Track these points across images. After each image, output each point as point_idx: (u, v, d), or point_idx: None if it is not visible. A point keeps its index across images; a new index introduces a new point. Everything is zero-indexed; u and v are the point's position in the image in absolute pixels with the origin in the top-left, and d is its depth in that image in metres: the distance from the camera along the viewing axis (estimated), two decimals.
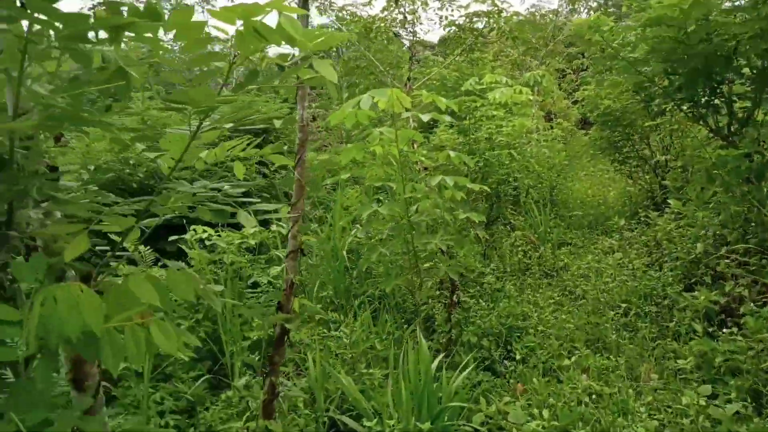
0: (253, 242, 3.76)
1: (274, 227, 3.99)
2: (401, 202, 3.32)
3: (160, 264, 3.83)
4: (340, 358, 3.31)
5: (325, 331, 3.68)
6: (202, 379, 3.16)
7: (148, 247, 3.94)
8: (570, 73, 13.84)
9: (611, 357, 3.36)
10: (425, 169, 4.63)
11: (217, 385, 3.48)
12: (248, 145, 1.73)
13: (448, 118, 3.14)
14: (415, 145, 4.99)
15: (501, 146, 5.43)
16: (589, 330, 3.76)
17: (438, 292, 3.95)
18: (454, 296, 3.50)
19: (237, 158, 1.80)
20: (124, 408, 2.82)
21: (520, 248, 5.26)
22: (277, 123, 2.64)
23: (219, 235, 3.87)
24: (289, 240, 2.27)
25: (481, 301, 4.04)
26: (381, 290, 4.14)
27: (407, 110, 3.21)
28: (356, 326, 3.46)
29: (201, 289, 1.24)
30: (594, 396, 2.78)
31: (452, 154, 3.35)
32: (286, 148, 7.71)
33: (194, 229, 3.80)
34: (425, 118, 3.08)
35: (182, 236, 3.74)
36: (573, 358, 3.25)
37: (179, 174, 1.55)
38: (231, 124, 1.51)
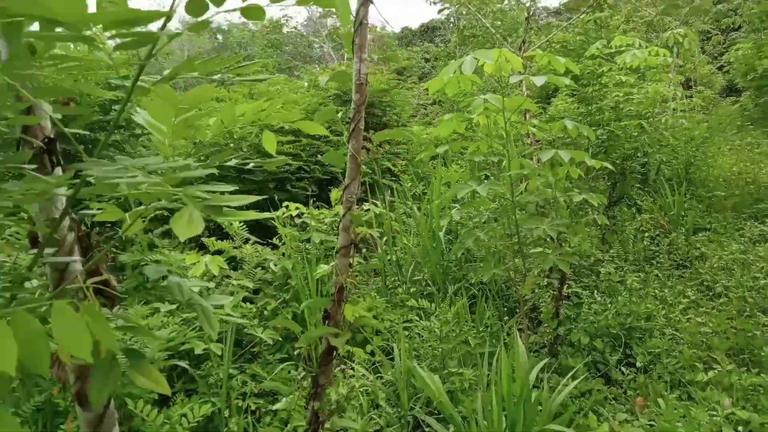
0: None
1: (366, 206, 3.75)
2: (506, 181, 2.91)
3: (252, 242, 3.77)
4: (429, 351, 3.02)
5: (416, 318, 3.40)
6: (283, 365, 3.03)
7: (242, 224, 3.88)
8: (717, 34, 12.12)
9: (762, 374, 2.74)
10: (537, 142, 4.13)
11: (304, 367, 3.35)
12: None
13: (566, 81, 2.65)
14: (527, 116, 4.48)
15: (630, 116, 4.73)
16: (733, 337, 3.12)
17: (545, 281, 3.50)
18: (564, 288, 3.05)
19: (266, 127, 1.52)
20: (208, 389, 2.75)
21: (646, 233, 4.59)
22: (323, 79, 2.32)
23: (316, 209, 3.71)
24: (340, 233, 1.86)
25: (596, 294, 3.53)
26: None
27: (519, 74, 2.78)
28: (449, 316, 3.14)
29: (111, 340, 0.80)
30: (740, 427, 2.23)
31: (569, 124, 2.85)
32: (385, 119, 7.40)
33: (286, 206, 3.67)
34: (538, 81, 2.63)
35: (274, 213, 3.62)
36: (711, 373, 2.68)
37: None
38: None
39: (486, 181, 2.76)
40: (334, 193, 1.96)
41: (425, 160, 5.95)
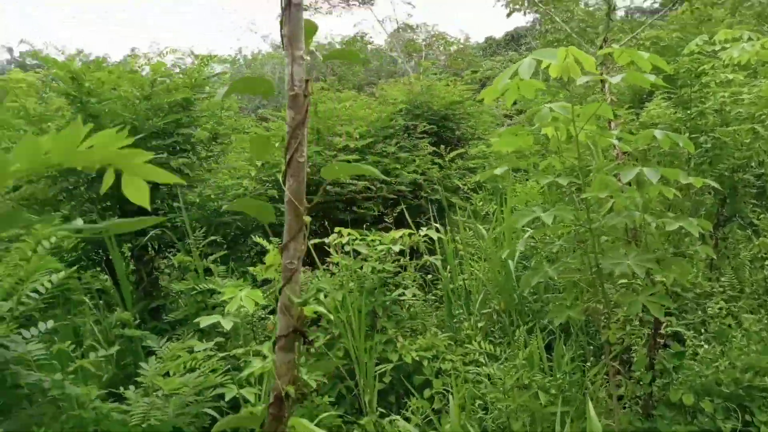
0: (397, 248, 3.19)
1: (424, 230, 3.38)
2: (582, 204, 2.44)
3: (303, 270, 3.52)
4: (495, 404, 2.57)
5: (480, 361, 2.97)
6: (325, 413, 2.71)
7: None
8: None
9: None
10: (623, 155, 3.57)
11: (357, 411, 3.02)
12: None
13: (650, 78, 2.15)
14: (612, 125, 3.91)
15: (739, 120, 4.02)
16: None
17: (637, 321, 2.94)
18: (659, 333, 2.49)
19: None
20: None
21: (767, 261, 3.84)
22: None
23: (365, 237, 3.39)
24: (279, 316, 1.32)
25: (702, 337, 2.91)
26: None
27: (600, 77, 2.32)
28: (519, 361, 2.68)
29: None
30: None
31: (658, 134, 2.34)
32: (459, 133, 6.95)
33: (338, 231, 3.38)
34: (614, 80, 2.16)
35: (323, 239, 3.35)
36: None
37: None
38: None
39: (557, 205, 2.30)
40: (270, 257, 1.60)
41: (499, 177, 5.48)
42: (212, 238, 3.87)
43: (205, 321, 2.49)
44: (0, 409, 2.14)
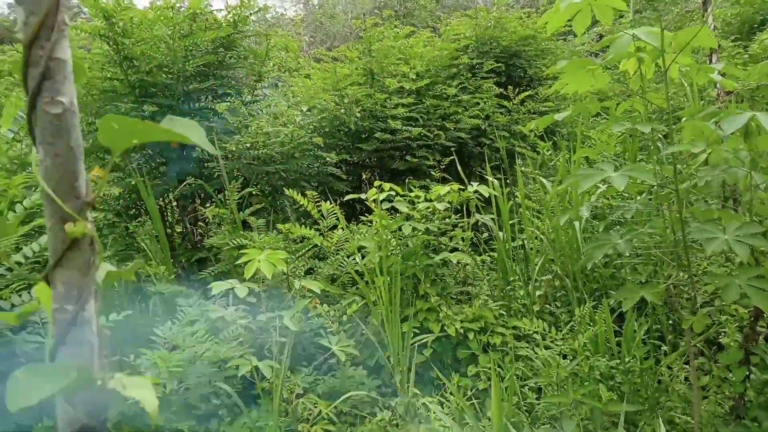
0: (441, 206, 2.79)
1: (474, 186, 2.94)
2: (668, 160, 1.93)
3: (341, 225, 3.21)
4: (545, 395, 2.20)
5: (535, 337, 2.58)
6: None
7: (336, 205, 3.33)
8: None
9: None
10: (728, 95, 2.92)
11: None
12: None
13: None
14: (714, 58, 3.22)
15: None
16: None
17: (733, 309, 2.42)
18: (757, 326, 1.99)
19: None
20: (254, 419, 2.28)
21: None
22: None
23: (407, 194, 3.01)
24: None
25: None
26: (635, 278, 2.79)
27: None
28: (580, 345, 2.27)
29: None
30: None
31: None
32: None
33: (379, 186, 3.02)
34: None
35: (360, 195, 3.01)
36: None
37: None
38: None
39: (631, 165, 1.81)
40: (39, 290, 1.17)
41: (575, 122, 4.85)
42: (249, 189, 3.63)
43: (217, 287, 2.26)
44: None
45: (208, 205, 4.13)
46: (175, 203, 4.40)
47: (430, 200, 2.93)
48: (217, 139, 3.91)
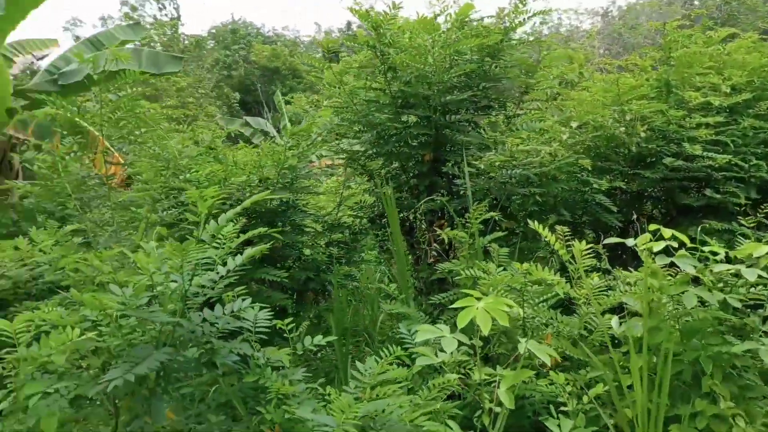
0: (751, 275, 1.88)
1: None
2: None
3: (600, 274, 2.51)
4: None
5: None
6: None
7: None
8: None
9: None
10: None
11: None
12: None
13: None
14: None
15: None
16: None
17: None
18: None
19: None
20: None
21: None
22: None
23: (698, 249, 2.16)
24: None
25: None
26: None
27: None
28: None
29: None
30: None
31: None
32: None
33: (656, 230, 2.22)
34: None
35: (623, 240, 2.27)
36: None
37: None
38: None
39: None
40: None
41: None
42: (493, 214, 3.18)
43: (422, 334, 1.86)
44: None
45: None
46: (422, 217, 4.24)
47: (734, 259, 2.05)
48: (468, 155, 3.57)
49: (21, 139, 5.65)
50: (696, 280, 2.09)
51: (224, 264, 1.91)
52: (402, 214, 4.25)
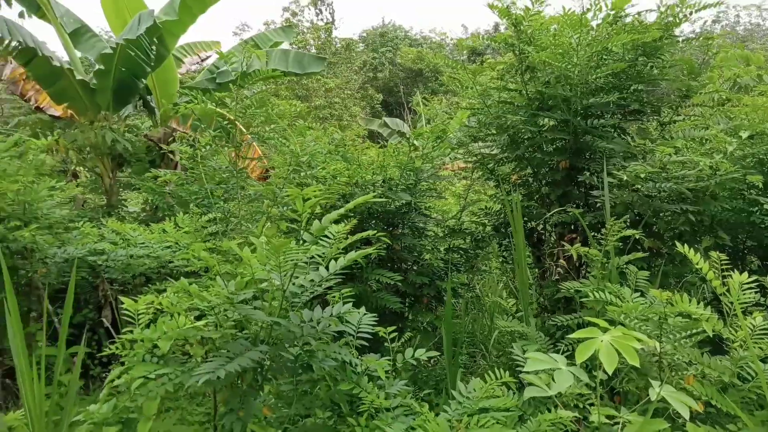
0: None
1: None
2: None
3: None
4: None
5: None
6: None
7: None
8: None
9: None
10: None
11: None
12: None
13: None
14: None
15: None
16: None
17: None
18: None
19: None
20: None
21: None
22: None
23: None
24: None
25: None
26: None
27: None
28: None
29: None
30: None
31: None
32: None
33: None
34: None
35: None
36: None
37: None
38: None
39: None
40: None
41: None
42: (633, 232, 2.80)
43: (533, 363, 1.65)
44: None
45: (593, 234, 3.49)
46: (552, 229, 3.92)
47: None
48: (609, 164, 3.21)
49: (181, 131, 6.26)
50: None
51: (329, 265, 1.87)
52: (530, 225, 3.98)
